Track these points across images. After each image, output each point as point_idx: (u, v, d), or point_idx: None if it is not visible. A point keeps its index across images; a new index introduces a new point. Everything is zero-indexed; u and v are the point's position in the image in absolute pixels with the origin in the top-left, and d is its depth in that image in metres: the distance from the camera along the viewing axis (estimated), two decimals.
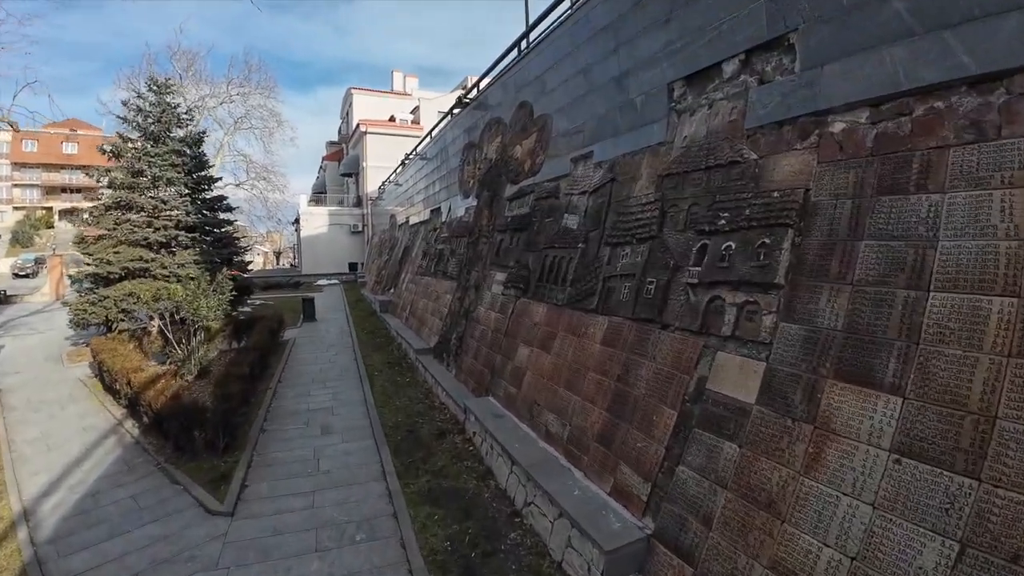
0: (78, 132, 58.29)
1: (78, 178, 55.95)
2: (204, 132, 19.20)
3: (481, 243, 11.41)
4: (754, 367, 4.62)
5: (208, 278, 12.86)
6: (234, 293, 13.60)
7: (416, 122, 42.58)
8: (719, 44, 5.85)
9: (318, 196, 49.26)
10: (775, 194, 5.03)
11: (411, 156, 21.75)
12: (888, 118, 4.35)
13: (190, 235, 16.54)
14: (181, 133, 18.83)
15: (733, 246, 5.22)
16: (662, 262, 6.03)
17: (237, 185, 40.68)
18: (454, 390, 9.66)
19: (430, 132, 19.38)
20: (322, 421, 9.12)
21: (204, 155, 18.79)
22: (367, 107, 44.28)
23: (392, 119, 43.15)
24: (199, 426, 7.53)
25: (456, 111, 15.15)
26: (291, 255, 74.30)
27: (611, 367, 6.25)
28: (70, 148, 59.41)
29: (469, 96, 13.47)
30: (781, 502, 4.06)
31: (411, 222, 22.29)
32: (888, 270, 3.99)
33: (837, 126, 4.73)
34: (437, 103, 41.58)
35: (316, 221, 41.26)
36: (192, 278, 14.29)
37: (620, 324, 6.38)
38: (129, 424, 9.10)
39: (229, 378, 8.67)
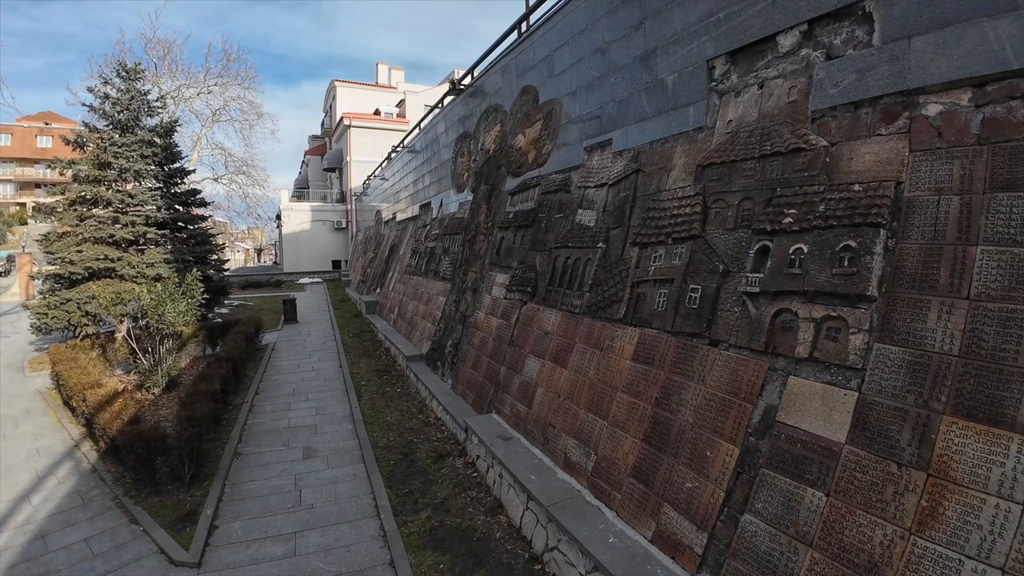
0: (52, 125, 56.07)
1: (53, 173, 53.55)
2: (176, 121, 17.93)
3: (478, 241, 10.47)
4: (841, 397, 3.78)
5: (177, 279, 11.72)
6: (206, 296, 12.44)
7: (402, 116, 41.41)
8: (774, 13, 5.01)
9: (300, 191, 47.80)
10: (856, 187, 4.19)
11: (398, 149, 20.69)
12: (996, 100, 3.55)
13: (160, 232, 15.36)
14: (152, 122, 17.61)
15: (805, 249, 4.35)
16: (708, 266, 5.15)
17: (215, 180, 39.11)
18: (452, 404, 8.72)
19: (418, 124, 18.36)
20: (304, 442, 8.11)
21: (176, 145, 17.56)
22: (351, 100, 42.98)
23: (377, 112, 41.94)
24: (161, 455, 6.49)
25: (448, 100, 14.15)
26: (273, 252, 72.46)
27: (646, 388, 5.36)
28: (45, 142, 57.13)
29: (464, 83, 12.48)
30: (886, 566, 3.24)
31: (398, 218, 21.23)
32: (1015, 283, 3.18)
33: (932, 108, 3.90)
34: (423, 96, 40.44)
35: (298, 217, 39.87)
36: (160, 279, 13.15)
37: (656, 338, 5.49)
38: (87, 447, 8.01)
39: (197, 397, 7.58)
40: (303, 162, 57.27)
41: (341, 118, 39.61)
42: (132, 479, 6.88)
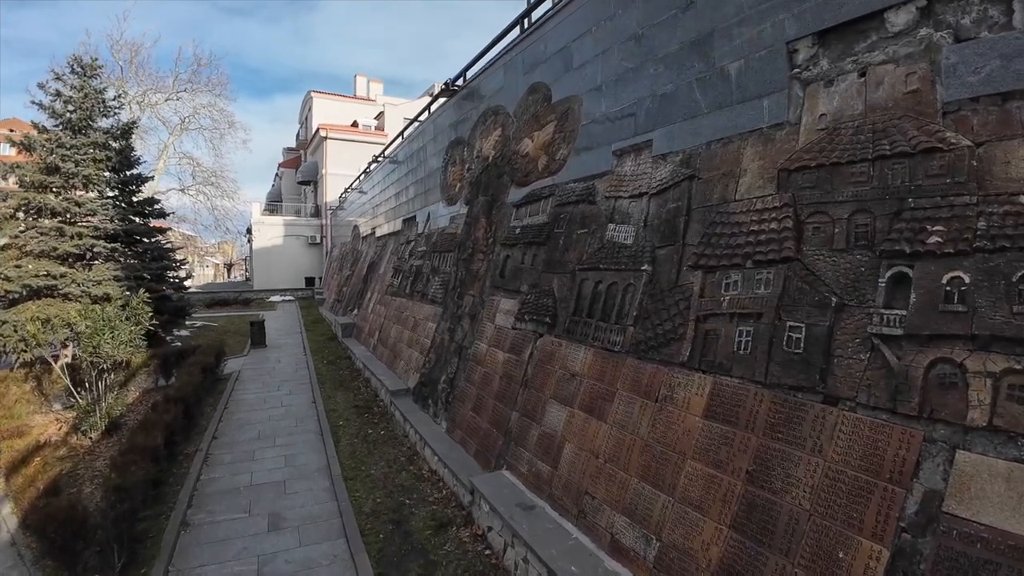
0: (14, 132, 53.05)
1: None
2: (134, 122, 16.30)
3: (476, 260, 9.16)
4: None
5: (122, 301, 10.09)
6: (154, 323, 10.78)
7: (380, 128, 40.07)
8: None
9: (273, 205, 45.85)
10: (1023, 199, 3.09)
11: (379, 159, 19.32)
12: None
13: (110, 245, 13.65)
14: (107, 123, 15.96)
15: (966, 279, 3.18)
16: (812, 297, 3.95)
17: (182, 190, 37.02)
18: (450, 455, 7.32)
19: (401, 132, 17.07)
20: (271, 506, 6.58)
21: (133, 149, 15.93)
22: (328, 112, 41.49)
23: (355, 125, 40.51)
24: (83, 539, 4.94)
25: (437, 105, 12.90)
26: (244, 268, 69.66)
27: (730, 457, 4.09)
28: (6, 149, 54.01)
29: (457, 84, 11.25)
30: None
31: (378, 234, 19.79)
32: None
33: None
34: (403, 109, 39.20)
35: (270, 232, 37.96)
36: (107, 299, 11.47)
37: (739, 390, 4.24)
38: (7, 509, 6.35)
39: (132, 456, 5.92)
40: (276, 175, 55.29)
41: (317, 129, 38.07)
42: (54, 558, 5.31)
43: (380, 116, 41.53)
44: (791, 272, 4.16)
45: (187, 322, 18.75)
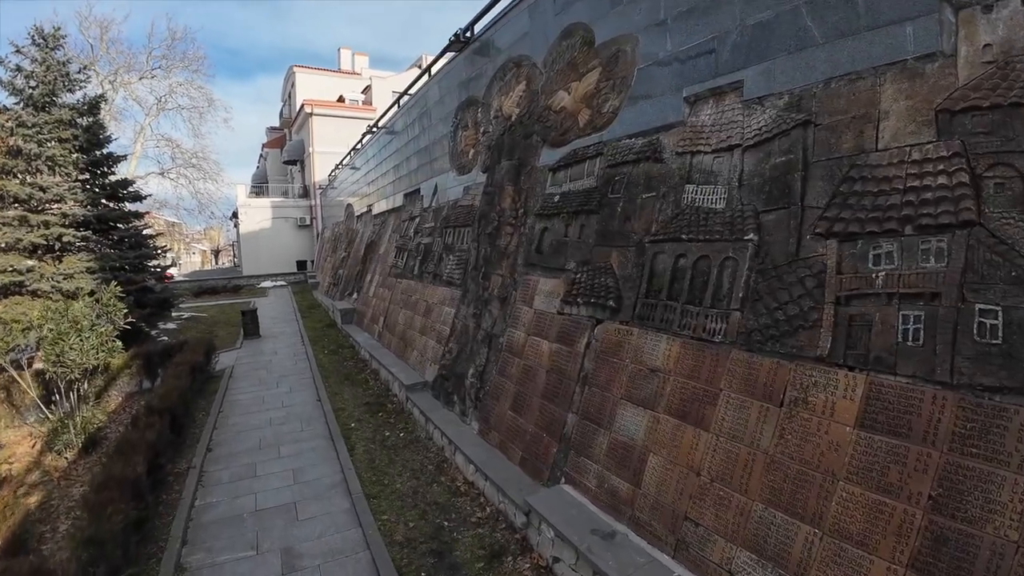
0: None
1: None
2: (102, 96, 14.73)
3: (503, 234, 7.93)
4: None
5: (92, 297, 8.77)
6: (132, 320, 9.49)
7: (368, 103, 38.20)
8: None
9: (259, 187, 43.93)
10: None
11: (374, 129, 17.85)
12: None
13: (81, 233, 12.25)
14: (72, 99, 14.41)
15: None
16: (1009, 273, 2.83)
17: (161, 174, 35.17)
18: (490, 464, 6.20)
19: (397, 100, 15.61)
20: (281, 538, 5.41)
21: (103, 127, 14.40)
22: (312, 87, 39.42)
23: (341, 100, 38.60)
24: None
25: (443, 63, 11.48)
26: (232, 253, 67.63)
27: (903, 479, 3.02)
28: None
29: (467, 35, 9.85)
30: None
31: (375, 211, 18.42)
32: None
33: None
34: (391, 83, 37.31)
35: (257, 215, 36.22)
36: (74, 295, 10.14)
37: (910, 392, 3.16)
38: None
39: (108, 494, 4.54)
40: (261, 155, 53.17)
41: (302, 106, 36.16)
42: None
43: (367, 90, 39.63)
44: (974, 240, 3.00)
45: (173, 314, 17.44)
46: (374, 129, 17.73)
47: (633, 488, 4.71)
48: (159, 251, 14.41)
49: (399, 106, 15.44)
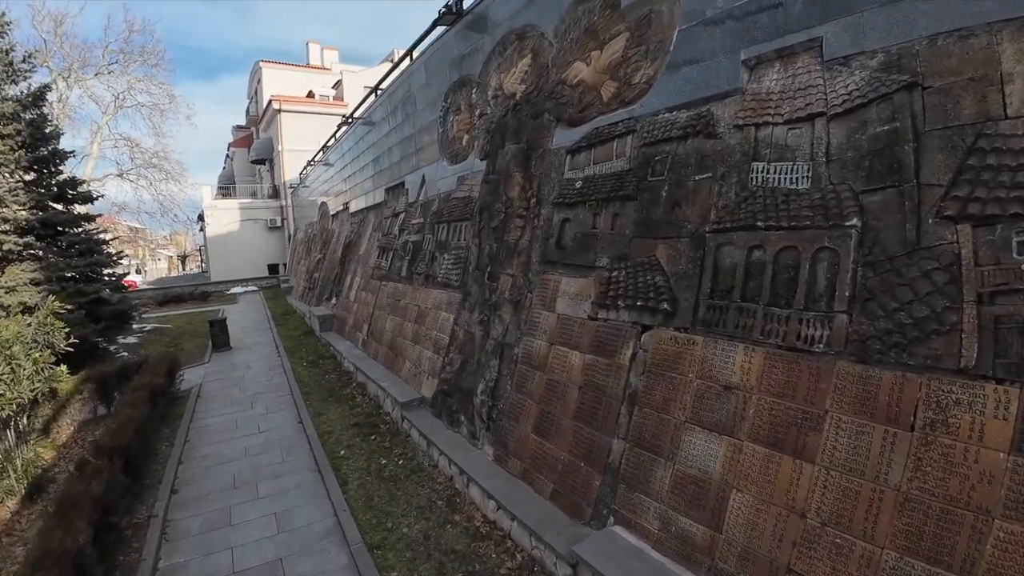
0: None
1: None
2: (47, 86, 13.17)
3: (512, 228, 6.93)
4: None
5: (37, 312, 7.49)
6: (72, 344, 8.20)
7: (339, 98, 36.66)
8: None
9: (226, 188, 41.91)
10: None
11: (350, 120, 16.62)
12: None
13: (24, 240, 10.82)
14: (15, 91, 12.89)
15: None
16: None
17: (120, 175, 33.05)
18: (513, 499, 5.21)
19: (376, 88, 14.44)
20: None
21: (48, 120, 12.91)
22: (280, 83, 37.61)
23: (311, 95, 36.99)
24: None
25: (430, 41, 10.39)
26: (200, 258, 64.91)
27: None
28: None
29: (459, 6, 8.77)
30: None
31: (352, 208, 17.23)
32: None
33: None
34: (362, 77, 35.91)
35: (224, 217, 34.36)
36: (18, 311, 8.81)
37: None
38: None
39: None
40: (227, 156, 51.03)
41: (269, 102, 34.42)
42: None
43: (338, 85, 38.08)
44: None
45: (135, 326, 15.98)
46: (350, 120, 16.50)
47: (711, 532, 3.79)
48: (114, 258, 12.96)
49: (377, 94, 14.28)
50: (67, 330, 7.81)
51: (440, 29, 9.40)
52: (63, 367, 7.72)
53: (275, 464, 7.06)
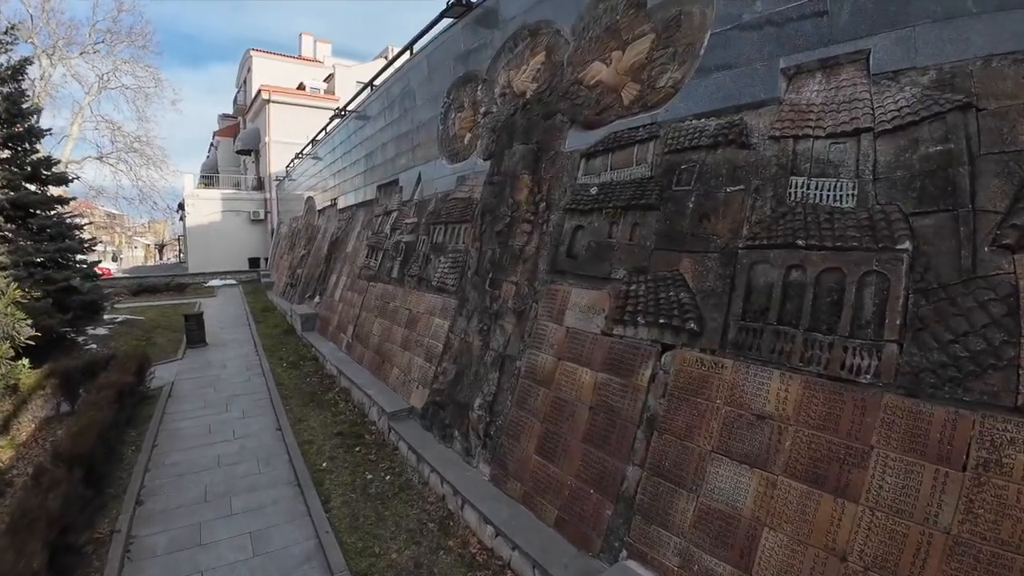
0: None
1: None
2: (27, 59, 12.43)
3: (518, 233, 6.56)
4: None
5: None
6: (34, 336, 7.61)
7: (331, 92, 35.97)
8: None
9: (208, 177, 40.82)
10: None
11: (343, 113, 16.12)
12: None
13: None
14: None
15: None
16: None
17: (99, 159, 31.87)
18: (514, 525, 4.82)
19: (371, 82, 13.98)
20: None
21: (24, 96, 12.20)
22: (270, 73, 36.77)
23: (301, 87, 36.23)
24: None
25: (434, 35, 9.99)
26: (178, 248, 63.22)
27: None
28: None
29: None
30: None
31: (340, 205, 16.71)
32: None
33: None
34: (356, 72, 35.31)
35: (206, 207, 33.36)
36: None
37: None
38: None
39: None
40: (212, 144, 49.85)
41: (259, 91, 33.59)
42: None
43: (330, 78, 37.40)
44: None
45: (106, 317, 15.20)
46: (343, 113, 16.00)
47: (739, 573, 3.46)
48: (87, 244, 12.26)
49: (373, 88, 13.83)
50: (29, 321, 7.21)
51: (446, 22, 9.01)
52: (24, 361, 7.13)
53: (251, 476, 6.56)
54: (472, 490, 5.50)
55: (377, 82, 13.44)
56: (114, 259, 55.74)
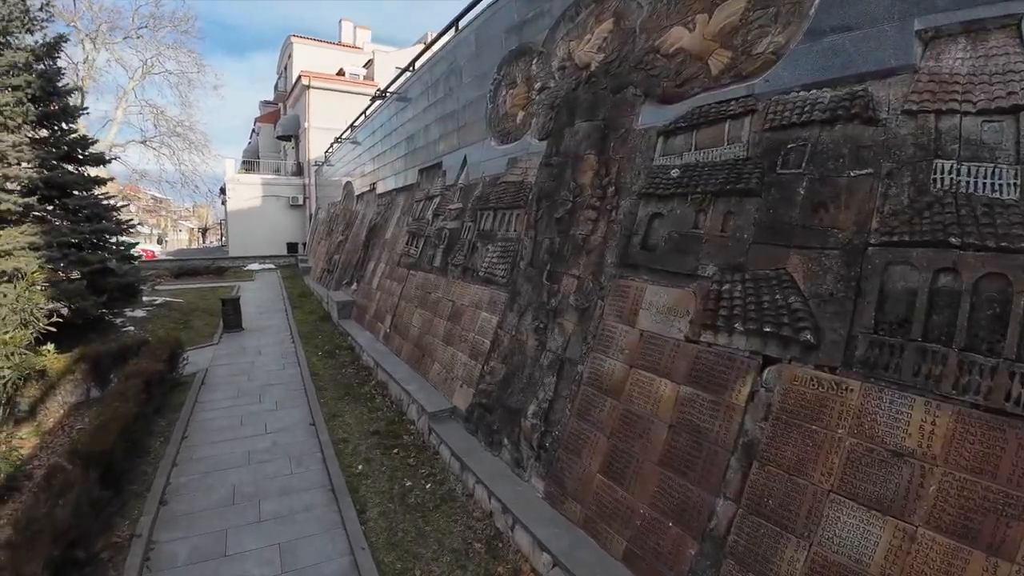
0: None
1: None
2: (63, 37, 12.29)
3: (581, 221, 5.86)
4: None
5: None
6: (53, 323, 7.30)
7: (370, 78, 35.69)
8: None
9: (249, 163, 41.25)
10: None
11: (383, 95, 15.62)
12: None
13: (23, 201, 9.96)
14: (28, 40, 12.06)
15: None
16: None
17: (143, 142, 32.40)
18: (575, 557, 4.17)
19: (412, 64, 13.42)
20: None
21: (59, 73, 12.03)
22: (311, 59, 36.74)
23: (341, 73, 36.06)
24: None
25: (480, 9, 9.30)
26: (220, 232, 64.65)
27: None
28: None
29: None
30: None
31: (380, 190, 16.27)
32: None
33: None
34: (394, 58, 34.83)
35: (246, 192, 33.61)
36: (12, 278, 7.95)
37: None
38: None
39: None
40: (253, 130, 50.38)
41: (299, 77, 33.55)
42: None
43: (369, 64, 37.16)
44: None
45: (145, 299, 15.18)
46: (384, 95, 15.50)
47: None
48: (124, 225, 12.08)
49: (414, 69, 13.26)
50: (49, 306, 6.90)
51: None
52: (50, 346, 6.85)
53: (282, 476, 6.10)
54: (525, 509, 4.89)
55: (419, 63, 12.86)
56: (159, 242, 57.27)
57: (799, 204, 3.81)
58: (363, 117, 18.91)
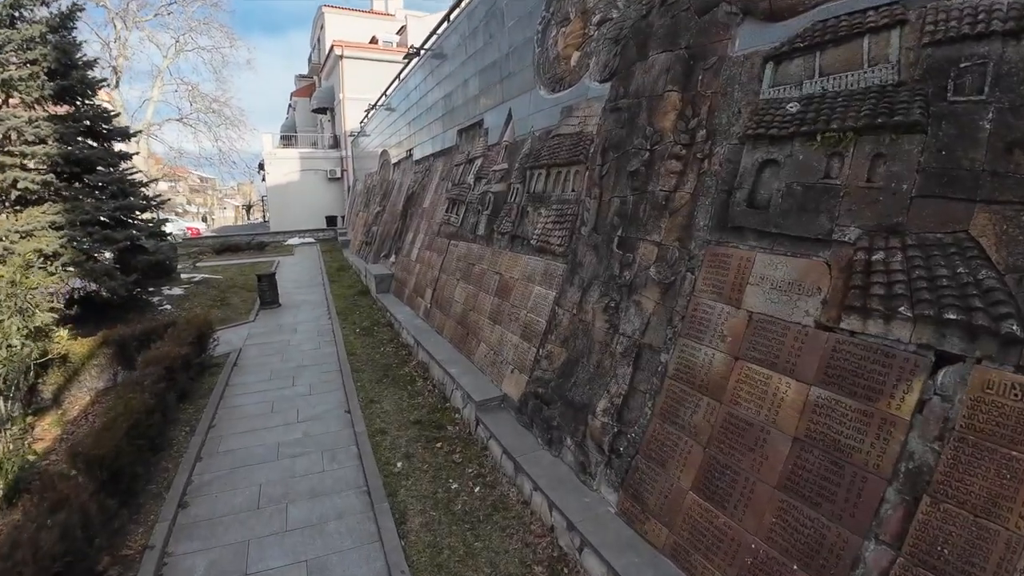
0: None
1: None
2: (78, 6, 11.66)
3: (662, 174, 4.79)
4: None
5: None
6: (63, 308, 6.72)
7: (403, 45, 34.52)
8: None
9: (287, 138, 41.04)
10: None
11: (417, 53, 14.59)
12: None
13: (41, 178, 9.47)
14: (44, 12, 11.54)
15: None
16: None
17: (180, 120, 32.36)
18: None
19: (447, 15, 12.29)
20: None
21: (77, 45, 11.45)
22: (343, 29, 35.81)
23: (374, 41, 35.06)
24: None
25: None
26: (263, 208, 65.52)
27: None
28: None
29: None
30: None
31: (416, 156, 15.40)
32: None
33: None
34: (428, 23, 33.39)
35: (284, 167, 33.33)
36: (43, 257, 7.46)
37: None
38: None
39: None
40: (290, 105, 50.15)
41: (332, 48, 32.71)
42: None
43: (402, 31, 35.88)
44: None
45: (184, 275, 14.92)
46: (419, 52, 14.47)
47: None
48: (152, 201, 11.57)
49: (449, 21, 12.16)
50: (67, 287, 6.35)
51: None
52: (63, 332, 6.35)
53: (313, 474, 5.41)
54: (595, 528, 4.03)
55: (454, 15, 11.75)
56: (204, 220, 58.38)
57: (984, 143, 2.69)
58: (396, 81, 17.95)
